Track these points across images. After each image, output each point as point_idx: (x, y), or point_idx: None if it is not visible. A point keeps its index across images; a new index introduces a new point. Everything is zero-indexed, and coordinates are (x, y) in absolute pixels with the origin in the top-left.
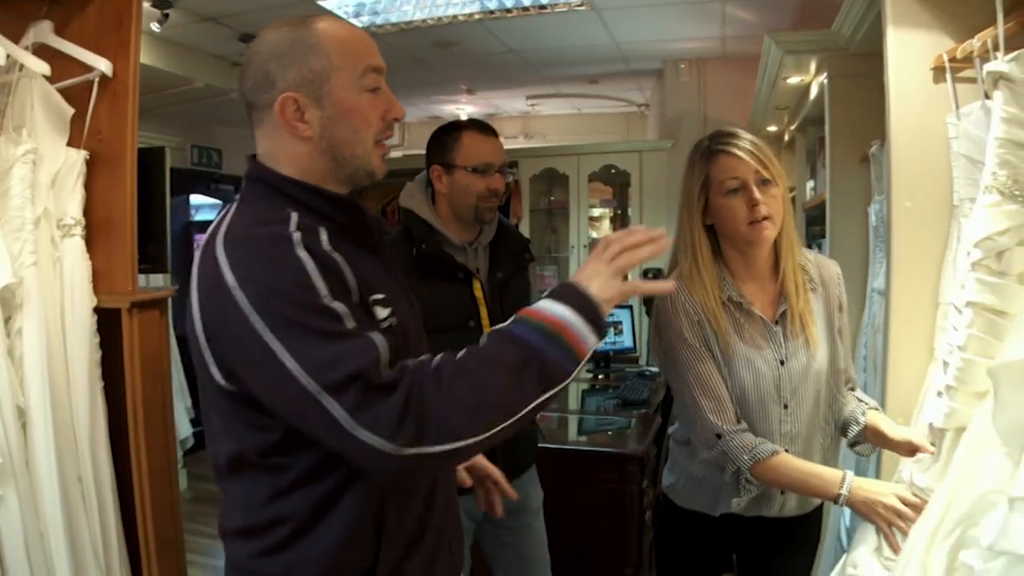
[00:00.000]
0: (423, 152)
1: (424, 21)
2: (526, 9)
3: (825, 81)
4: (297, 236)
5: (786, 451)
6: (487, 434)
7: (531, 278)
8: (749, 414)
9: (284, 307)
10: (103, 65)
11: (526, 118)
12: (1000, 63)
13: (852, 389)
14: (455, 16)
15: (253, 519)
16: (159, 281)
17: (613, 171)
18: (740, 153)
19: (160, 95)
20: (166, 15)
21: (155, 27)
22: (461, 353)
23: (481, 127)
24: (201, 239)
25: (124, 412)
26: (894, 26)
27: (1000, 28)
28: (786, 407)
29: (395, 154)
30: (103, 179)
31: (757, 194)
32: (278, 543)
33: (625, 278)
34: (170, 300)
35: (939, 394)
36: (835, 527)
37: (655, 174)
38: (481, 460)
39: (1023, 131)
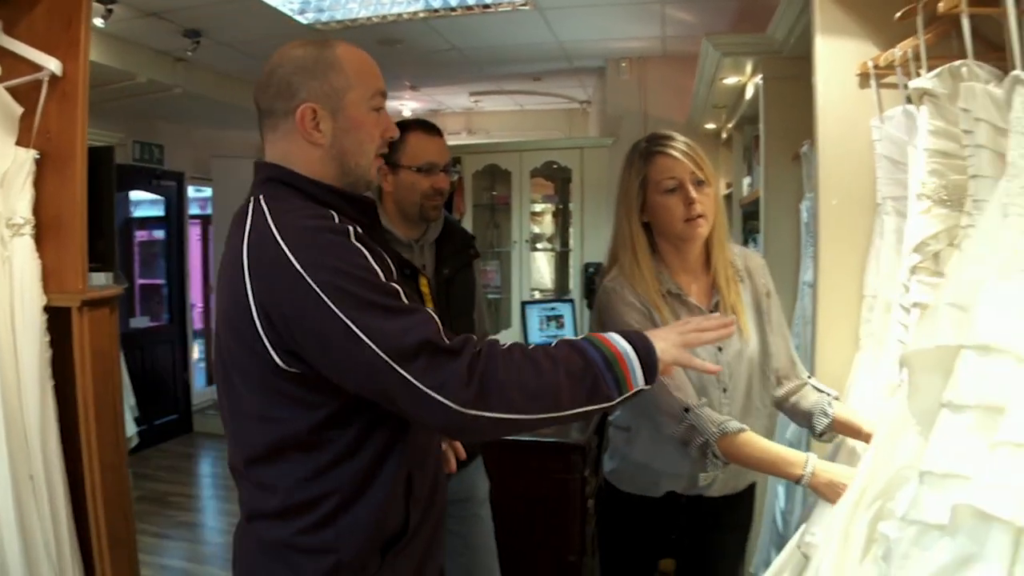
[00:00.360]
0: None
1: (369, 19)
2: (470, 8)
3: (760, 82)
4: (350, 230)
5: None
6: (535, 416)
7: (476, 274)
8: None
9: (353, 287)
10: (52, 64)
11: (469, 114)
12: (924, 80)
13: (808, 378)
14: (400, 14)
15: (299, 497)
16: (101, 280)
17: (555, 167)
18: (677, 155)
19: (103, 90)
20: (110, 10)
21: (99, 22)
22: (533, 347)
23: (426, 127)
24: (143, 235)
25: (74, 410)
26: (822, 34)
27: (921, 40)
28: (725, 391)
29: None
30: (53, 178)
31: (693, 193)
32: (325, 517)
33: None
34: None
35: (898, 386)
36: (771, 509)
37: (596, 170)
38: None
39: (949, 142)
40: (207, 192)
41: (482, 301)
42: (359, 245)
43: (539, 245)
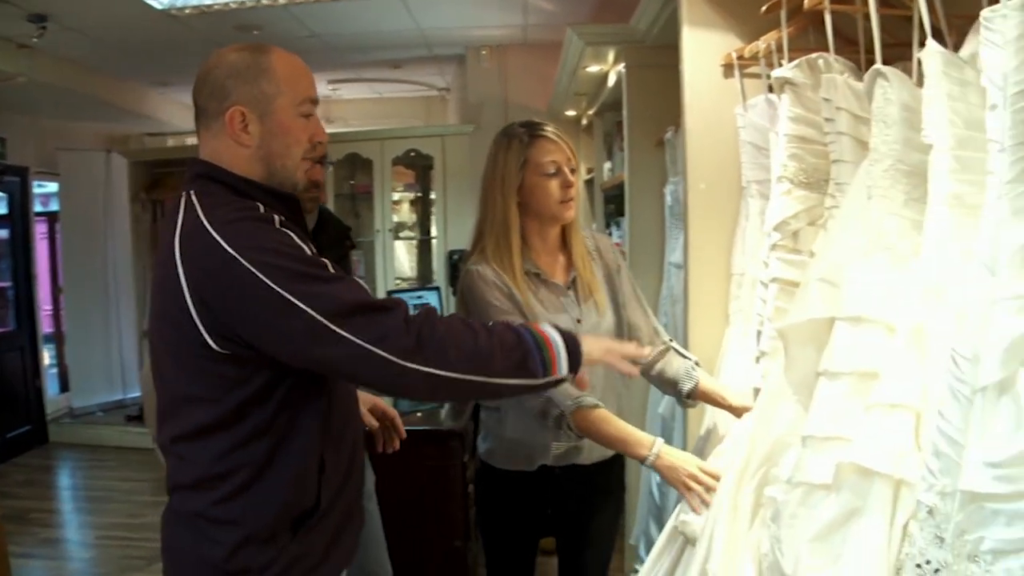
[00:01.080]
0: None
1: (227, 5)
2: None
3: (623, 71)
4: (274, 216)
5: None
6: (467, 376)
7: (351, 265)
8: None
9: (283, 262)
10: None
11: (328, 102)
12: (785, 70)
13: (670, 341)
14: (259, 0)
15: (214, 470)
16: None
17: (416, 155)
18: (558, 141)
19: None
20: None
21: None
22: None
23: None
24: None
25: None
26: (689, 26)
27: (784, 34)
28: None
29: (191, 141)
30: None
31: (571, 177)
32: (235, 490)
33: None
34: None
35: (756, 360)
36: (647, 481)
37: (458, 158)
38: (383, 403)
39: (808, 128)
40: (53, 187)
41: None
42: (284, 229)
43: (401, 234)
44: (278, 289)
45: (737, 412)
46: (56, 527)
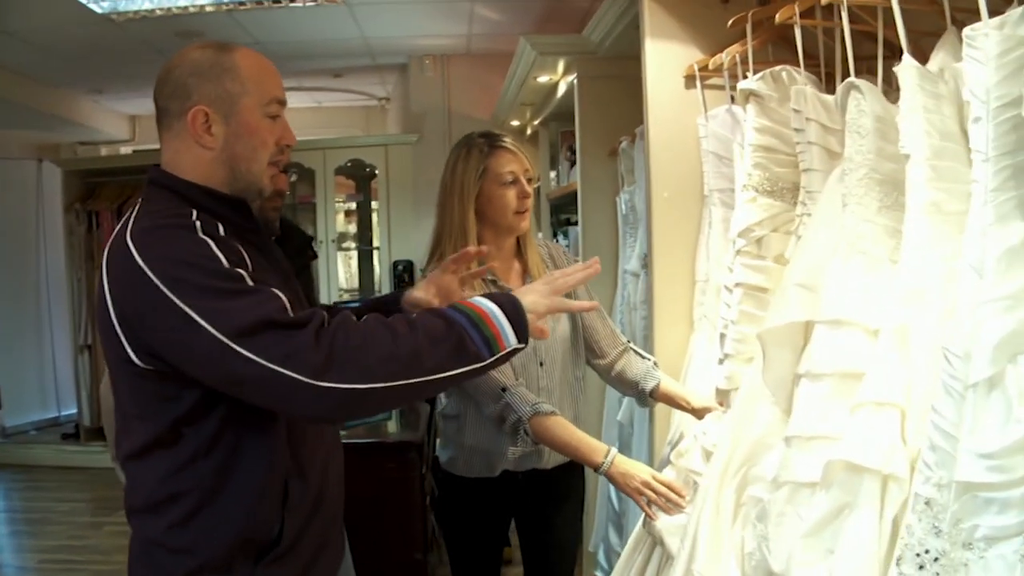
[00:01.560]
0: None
1: (168, 10)
2: (278, 1)
3: (575, 81)
4: (198, 224)
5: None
6: (395, 383)
7: (314, 273)
8: (516, 372)
9: (191, 276)
10: None
11: None
12: (750, 82)
13: (628, 343)
14: (202, 6)
15: (161, 494)
16: None
17: (358, 165)
18: (516, 151)
19: None
20: None
21: None
22: (393, 317)
23: None
24: None
25: None
26: (651, 38)
27: (749, 47)
28: (542, 364)
29: (125, 150)
30: None
31: (528, 188)
32: (185, 515)
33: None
34: None
35: (720, 362)
36: (605, 488)
37: (401, 168)
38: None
39: (772, 138)
40: None
41: (317, 302)
42: (204, 237)
43: (343, 244)
44: (181, 304)
45: (698, 414)
46: None
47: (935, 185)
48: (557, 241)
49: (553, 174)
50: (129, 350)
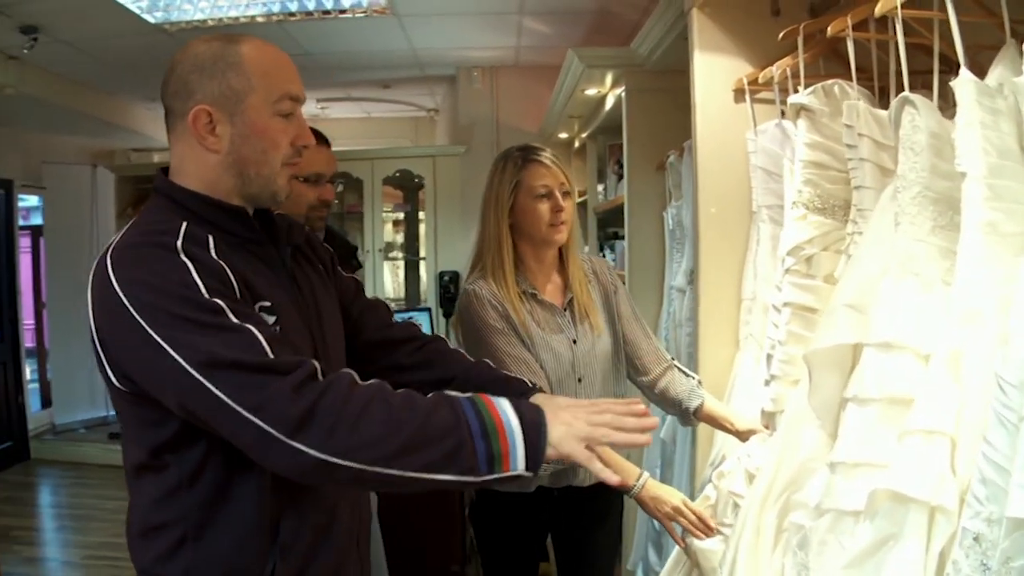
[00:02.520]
0: None
1: (220, 20)
2: (327, 12)
3: (623, 94)
4: (180, 243)
5: None
6: (370, 468)
7: (360, 284)
8: (552, 387)
9: (165, 303)
10: None
11: (316, 121)
12: (801, 96)
13: (672, 360)
14: (253, 17)
15: (151, 520)
16: None
17: (407, 176)
18: (551, 164)
19: None
20: None
21: None
22: (403, 390)
23: (316, 136)
24: None
25: None
26: (700, 51)
27: (800, 60)
28: (580, 380)
29: (159, 159)
30: None
31: (562, 202)
32: (172, 546)
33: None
34: None
35: (766, 383)
36: None
37: (448, 179)
38: None
39: (823, 154)
40: (34, 201)
41: None
42: (185, 260)
43: (391, 254)
44: (152, 333)
45: (743, 437)
46: (39, 545)
47: (992, 205)
48: (603, 255)
49: (601, 188)
50: (108, 370)
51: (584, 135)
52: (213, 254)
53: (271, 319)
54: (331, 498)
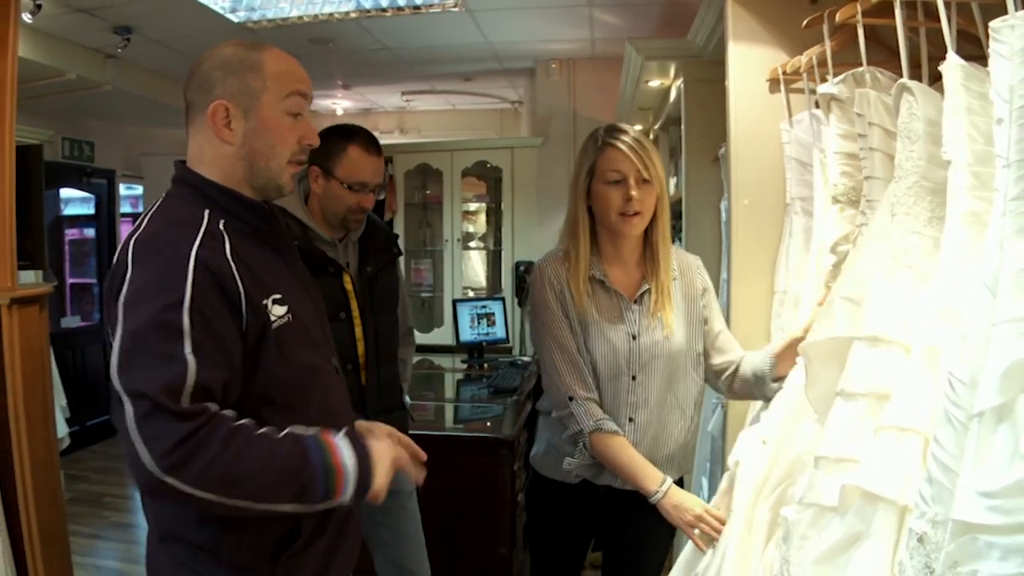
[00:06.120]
0: None
1: (300, 18)
2: (400, 9)
3: (681, 85)
4: (195, 248)
5: (631, 420)
6: (227, 501)
7: (399, 272)
8: (600, 380)
9: (146, 306)
10: None
11: (402, 113)
12: (830, 85)
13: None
14: (331, 14)
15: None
16: (30, 278)
17: (487, 167)
18: (626, 149)
19: (31, 87)
20: (39, 6)
21: (27, 18)
22: (264, 429)
23: (368, 143)
24: (73, 234)
25: (4, 407)
26: (735, 41)
27: (827, 47)
28: (634, 378)
29: None
30: None
31: (634, 191)
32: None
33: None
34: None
35: None
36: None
37: (527, 170)
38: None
39: (855, 144)
40: (138, 190)
41: (406, 299)
42: (191, 263)
43: (471, 244)
44: (120, 329)
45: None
46: (128, 512)
47: (976, 194)
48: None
49: (674, 180)
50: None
51: (656, 126)
52: (228, 254)
53: (282, 309)
54: None
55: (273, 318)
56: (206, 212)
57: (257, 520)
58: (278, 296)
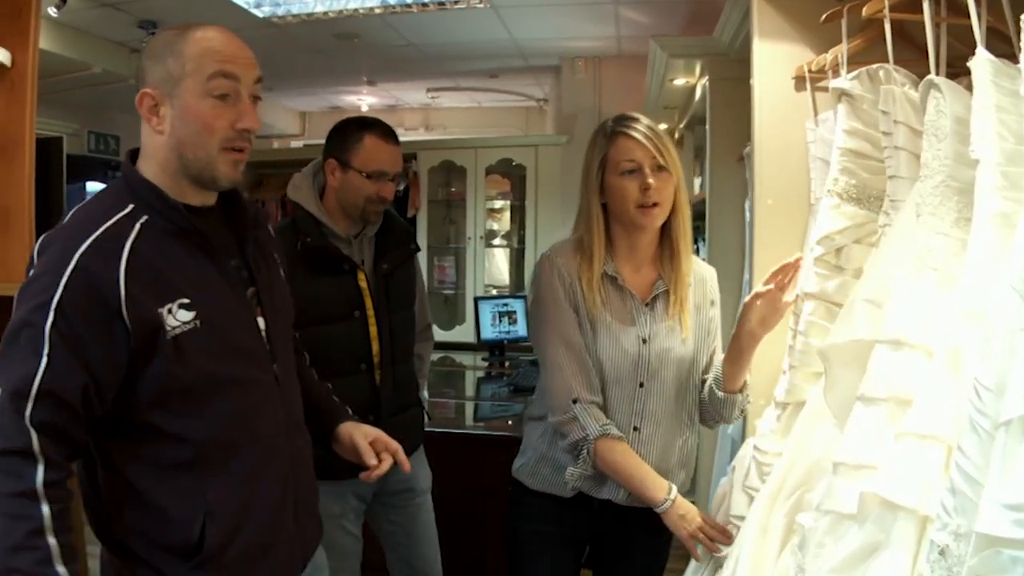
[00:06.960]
0: (323, 142)
1: (325, 13)
2: (425, 5)
3: (707, 84)
4: (83, 248)
5: (636, 429)
6: None
7: (416, 268)
8: (605, 385)
9: (19, 307)
10: (1, 54)
11: (427, 110)
12: (842, 80)
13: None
14: (356, 9)
15: (89, 484)
16: None
17: (511, 164)
18: (639, 137)
19: (57, 80)
20: (64, 0)
21: (52, 12)
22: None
23: (385, 132)
24: None
25: None
26: (760, 38)
27: (844, 46)
28: (642, 385)
29: (295, 144)
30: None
31: (650, 179)
32: (113, 510)
33: None
34: None
35: (783, 372)
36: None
37: (551, 168)
38: (385, 437)
39: (862, 142)
40: None
41: (423, 295)
42: (72, 264)
43: (495, 241)
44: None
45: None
46: None
47: (1005, 194)
48: (697, 251)
49: (698, 180)
50: None
51: (682, 126)
52: (123, 256)
53: (188, 315)
54: (248, 473)
55: (172, 324)
56: (129, 207)
57: (156, 522)
58: (185, 301)
